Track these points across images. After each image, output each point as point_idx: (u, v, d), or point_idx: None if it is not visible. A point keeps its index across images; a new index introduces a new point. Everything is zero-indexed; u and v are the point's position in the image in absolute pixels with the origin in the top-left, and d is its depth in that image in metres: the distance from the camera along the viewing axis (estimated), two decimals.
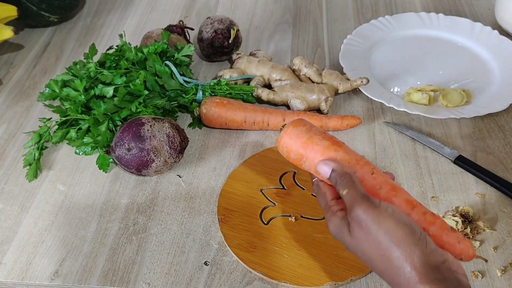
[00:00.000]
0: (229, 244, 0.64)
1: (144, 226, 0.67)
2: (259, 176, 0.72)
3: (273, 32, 1.03)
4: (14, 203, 0.71)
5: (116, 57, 0.83)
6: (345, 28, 1.03)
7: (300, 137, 0.54)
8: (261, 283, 0.61)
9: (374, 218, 0.45)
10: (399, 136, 0.79)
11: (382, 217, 0.45)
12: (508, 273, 0.61)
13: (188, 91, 0.82)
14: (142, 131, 0.69)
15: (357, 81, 0.80)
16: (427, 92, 0.81)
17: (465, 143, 0.77)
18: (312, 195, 0.69)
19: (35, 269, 0.63)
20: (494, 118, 0.81)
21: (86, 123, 0.75)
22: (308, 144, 0.54)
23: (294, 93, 0.81)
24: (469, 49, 0.94)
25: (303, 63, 0.85)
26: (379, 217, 0.45)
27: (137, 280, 0.61)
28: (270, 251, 0.63)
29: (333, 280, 0.59)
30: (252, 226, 0.66)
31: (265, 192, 0.70)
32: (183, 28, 0.93)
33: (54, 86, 0.80)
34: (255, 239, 0.64)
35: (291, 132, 0.55)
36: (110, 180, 0.74)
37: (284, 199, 0.69)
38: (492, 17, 1.03)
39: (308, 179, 0.70)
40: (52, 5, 1.00)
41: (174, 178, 0.74)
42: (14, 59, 0.98)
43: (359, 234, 0.46)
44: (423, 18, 0.99)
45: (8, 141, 0.81)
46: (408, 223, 0.45)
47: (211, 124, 0.80)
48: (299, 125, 0.55)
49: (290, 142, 0.55)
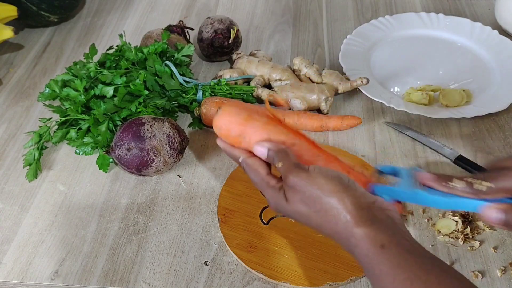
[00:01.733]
0: (229, 244, 0.64)
1: (144, 226, 0.67)
2: None
3: (273, 32, 1.03)
4: (14, 203, 0.71)
5: (116, 57, 0.83)
6: (345, 28, 1.03)
7: (240, 114, 0.54)
8: (261, 283, 0.61)
9: (305, 179, 0.49)
10: (399, 136, 0.79)
11: (312, 177, 0.49)
12: (508, 273, 0.61)
13: (188, 91, 0.82)
14: (142, 131, 0.69)
15: (357, 81, 0.80)
16: (427, 92, 0.81)
17: (465, 143, 0.77)
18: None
19: (35, 269, 0.63)
20: (494, 118, 0.81)
21: (86, 123, 0.75)
22: (248, 121, 0.54)
23: (294, 93, 0.81)
24: (469, 49, 0.93)
25: (303, 63, 0.85)
26: (309, 177, 0.49)
27: (137, 280, 0.61)
28: (270, 251, 0.63)
29: (333, 280, 0.59)
30: (252, 226, 0.66)
31: None
32: (183, 28, 0.93)
33: (54, 86, 0.80)
34: (255, 239, 0.64)
35: (231, 111, 0.55)
36: (110, 180, 0.74)
37: None
38: (492, 17, 1.03)
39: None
40: (52, 5, 1.00)
41: (174, 178, 0.74)
42: (14, 59, 0.98)
43: (294, 197, 0.49)
44: (423, 18, 0.99)
45: (8, 141, 0.81)
46: (335, 175, 0.49)
47: (211, 124, 0.79)
48: (238, 104, 0.56)
49: (230, 120, 0.54)
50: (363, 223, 0.45)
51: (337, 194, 0.47)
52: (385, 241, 0.44)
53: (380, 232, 0.44)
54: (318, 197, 0.48)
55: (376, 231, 0.45)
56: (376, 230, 0.45)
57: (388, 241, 0.44)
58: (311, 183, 0.48)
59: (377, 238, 0.44)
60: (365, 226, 0.45)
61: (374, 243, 0.44)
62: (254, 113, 0.55)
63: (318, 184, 0.48)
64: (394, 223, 0.46)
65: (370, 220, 0.45)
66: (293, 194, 0.49)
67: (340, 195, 0.47)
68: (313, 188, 0.48)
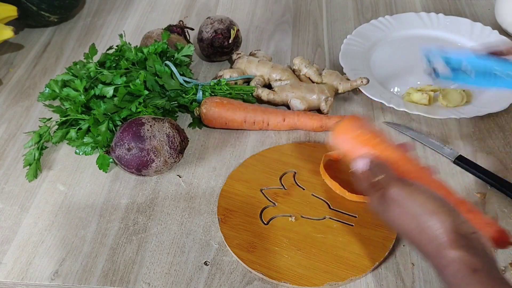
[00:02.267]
0: (229, 244, 0.64)
1: (144, 226, 0.67)
2: (259, 176, 0.72)
3: (273, 32, 1.03)
4: (14, 203, 0.71)
5: (116, 57, 0.83)
6: (345, 28, 1.03)
7: (353, 130, 0.60)
8: (261, 283, 0.61)
9: (408, 194, 0.51)
10: (399, 136, 0.79)
11: (416, 193, 0.50)
12: (508, 273, 0.61)
13: (188, 91, 0.82)
14: (142, 131, 0.69)
15: (357, 81, 0.80)
16: (427, 92, 0.81)
17: (465, 143, 0.77)
18: (313, 195, 0.69)
19: (35, 269, 0.63)
20: (494, 118, 0.81)
21: (86, 123, 0.75)
22: (357, 139, 0.60)
23: (294, 93, 0.81)
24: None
25: (303, 63, 0.85)
26: (412, 193, 0.50)
27: (137, 280, 0.61)
28: (270, 251, 0.63)
29: (333, 280, 0.60)
30: (252, 226, 0.66)
31: (265, 192, 0.70)
32: (183, 28, 0.93)
33: (54, 86, 0.80)
34: (255, 239, 0.64)
35: (354, 125, 0.61)
36: (110, 180, 0.74)
37: (284, 199, 0.69)
38: (492, 17, 1.03)
39: (308, 179, 0.71)
40: (52, 5, 1.00)
41: (174, 178, 0.74)
42: (14, 59, 0.98)
43: (396, 209, 0.51)
44: (423, 18, 0.99)
45: (8, 141, 0.81)
46: (439, 198, 0.50)
47: (211, 124, 0.80)
48: (354, 120, 0.61)
49: (345, 136, 0.61)
50: (459, 248, 0.46)
51: (439, 216, 0.48)
52: (478, 266, 0.45)
53: (474, 257, 0.45)
54: (420, 214, 0.49)
55: (470, 256, 0.45)
56: (471, 255, 0.45)
57: (481, 266, 0.45)
58: (414, 200, 0.50)
59: (471, 262, 0.45)
60: (460, 250, 0.46)
61: (467, 266, 0.45)
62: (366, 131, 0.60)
63: (421, 202, 0.49)
64: (488, 255, 0.47)
65: (466, 246, 0.46)
66: (396, 206, 0.51)
67: (441, 217, 0.48)
68: (416, 204, 0.49)
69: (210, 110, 0.78)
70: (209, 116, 0.78)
